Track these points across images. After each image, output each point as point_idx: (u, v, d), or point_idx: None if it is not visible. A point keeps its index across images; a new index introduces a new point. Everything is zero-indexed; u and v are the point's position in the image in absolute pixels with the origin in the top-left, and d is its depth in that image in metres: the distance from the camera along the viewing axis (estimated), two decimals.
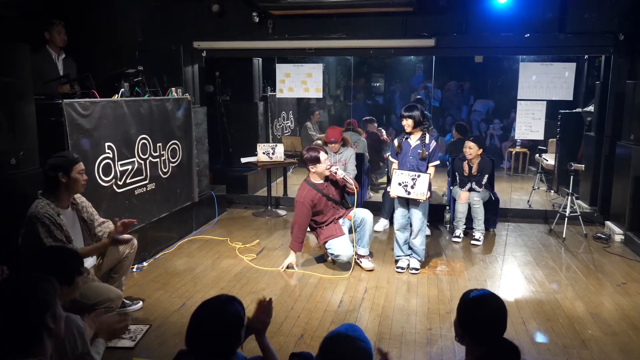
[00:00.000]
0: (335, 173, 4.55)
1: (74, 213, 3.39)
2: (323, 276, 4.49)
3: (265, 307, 2.31)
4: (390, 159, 4.72)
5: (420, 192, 4.34)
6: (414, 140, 4.51)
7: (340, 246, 4.51)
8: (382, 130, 8.23)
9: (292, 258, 4.60)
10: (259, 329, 2.28)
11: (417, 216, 4.48)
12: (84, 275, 2.53)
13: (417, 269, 4.58)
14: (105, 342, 2.42)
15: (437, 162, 4.56)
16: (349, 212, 4.68)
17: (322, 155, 4.52)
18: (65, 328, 2.17)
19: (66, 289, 2.35)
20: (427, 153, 4.44)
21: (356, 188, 4.56)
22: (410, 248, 4.63)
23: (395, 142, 4.64)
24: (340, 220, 4.67)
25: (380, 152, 7.96)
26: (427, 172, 4.43)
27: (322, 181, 4.60)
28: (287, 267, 4.59)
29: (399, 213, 4.58)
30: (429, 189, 4.39)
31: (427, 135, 4.51)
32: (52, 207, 3.17)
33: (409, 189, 4.38)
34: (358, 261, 4.68)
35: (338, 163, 5.51)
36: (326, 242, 4.57)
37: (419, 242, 4.54)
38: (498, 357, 1.93)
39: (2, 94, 3.31)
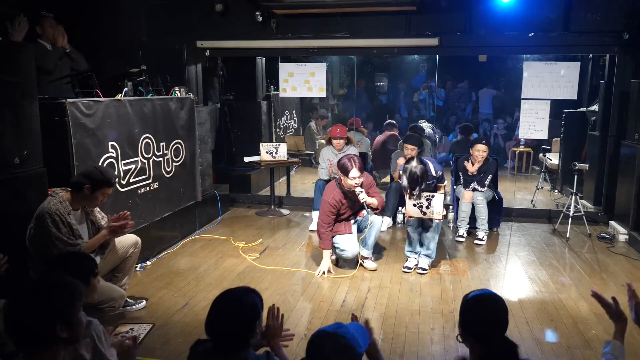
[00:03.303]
0: (358, 195, 4.38)
1: (83, 215, 3.41)
2: (326, 275, 4.49)
3: (272, 313, 2.39)
4: (399, 172, 4.72)
5: (436, 211, 4.36)
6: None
7: (346, 242, 4.52)
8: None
9: (327, 261, 4.52)
10: (272, 334, 2.34)
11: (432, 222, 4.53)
12: (98, 277, 2.55)
13: (425, 269, 4.57)
14: None
15: (445, 183, 4.63)
16: (363, 211, 4.66)
17: (354, 172, 4.32)
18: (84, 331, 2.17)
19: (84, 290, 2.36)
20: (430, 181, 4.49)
21: (380, 207, 4.56)
22: (422, 246, 4.63)
23: (400, 171, 4.58)
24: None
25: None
26: (439, 192, 4.44)
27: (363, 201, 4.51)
28: (325, 272, 4.50)
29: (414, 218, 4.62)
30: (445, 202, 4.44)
31: (430, 165, 4.57)
32: (63, 205, 3.20)
33: (424, 209, 4.40)
34: (361, 261, 4.68)
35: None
36: (334, 236, 4.58)
37: (432, 241, 4.57)
38: (497, 356, 1.94)
39: (6, 93, 3.31)
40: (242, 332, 2.01)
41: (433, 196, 4.35)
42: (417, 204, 4.40)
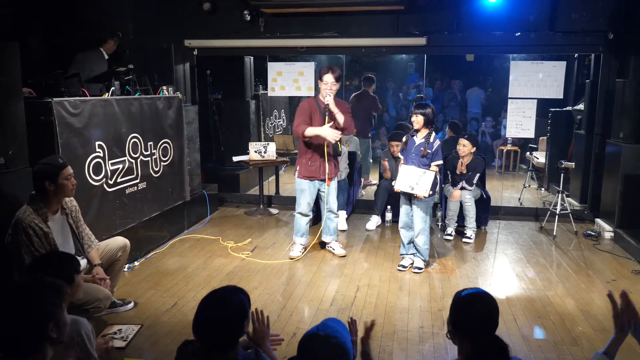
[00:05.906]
0: (325, 97, 4.61)
1: (63, 217, 3.35)
2: (315, 274, 4.49)
3: (257, 317, 2.36)
4: (399, 155, 4.82)
5: (423, 188, 4.36)
6: (419, 138, 4.51)
7: (304, 196, 4.78)
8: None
9: (321, 129, 4.56)
10: (260, 337, 2.32)
11: (419, 215, 4.48)
12: (81, 274, 2.53)
13: (420, 269, 4.57)
14: None
15: (440, 162, 4.54)
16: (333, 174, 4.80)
17: (328, 77, 4.58)
18: (74, 330, 2.16)
19: (69, 289, 2.35)
20: (428, 151, 4.43)
21: (345, 125, 4.64)
22: (415, 247, 4.65)
23: (403, 138, 4.68)
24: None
25: (369, 118, 7.91)
26: (431, 170, 4.44)
27: (326, 104, 4.67)
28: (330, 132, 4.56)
29: (403, 211, 4.61)
30: (433, 187, 4.41)
31: (433, 135, 4.52)
32: (40, 212, 3.13)
33: (412, 184, 4.41)
34: (329, 248, 4.76)
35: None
36: (305, 179, 4.75)
37: (421, 242, 4.54)
38: (487, 355, 1.94)
39: None
40: (230, 332, 1.99)
41: (424, 173, 4.38)
42: (408, 178, 4.43)
